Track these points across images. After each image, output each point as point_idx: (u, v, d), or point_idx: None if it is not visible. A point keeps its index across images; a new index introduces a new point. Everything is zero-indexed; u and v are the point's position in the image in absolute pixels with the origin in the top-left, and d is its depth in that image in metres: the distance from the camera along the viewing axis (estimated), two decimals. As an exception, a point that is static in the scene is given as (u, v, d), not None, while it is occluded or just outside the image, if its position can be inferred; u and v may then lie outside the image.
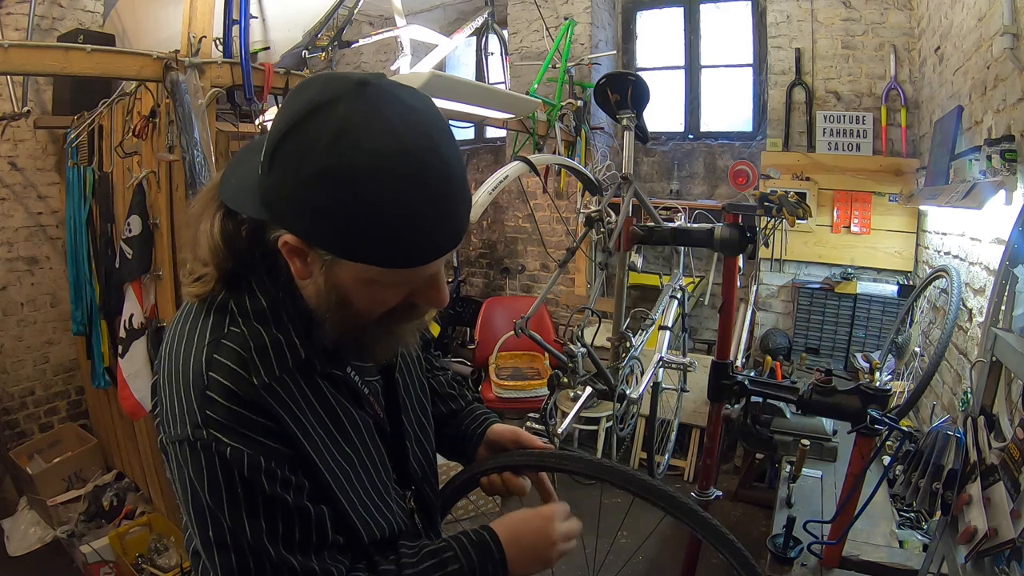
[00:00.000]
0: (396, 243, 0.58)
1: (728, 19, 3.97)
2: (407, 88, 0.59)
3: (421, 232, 0.58)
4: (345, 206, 0.55)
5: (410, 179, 0.55)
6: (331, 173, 0.55)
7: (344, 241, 0.58)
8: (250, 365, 0.63)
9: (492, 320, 4.05)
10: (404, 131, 0.55)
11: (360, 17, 4.54)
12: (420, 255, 0.60)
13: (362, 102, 0.55)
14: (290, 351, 0.66)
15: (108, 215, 2.54)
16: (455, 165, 0.59)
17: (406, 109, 0.56)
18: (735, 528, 3.00)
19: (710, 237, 1.76)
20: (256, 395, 0.63)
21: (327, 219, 0.57)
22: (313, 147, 0.55)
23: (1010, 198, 1.68)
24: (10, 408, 3.16)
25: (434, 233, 0.59)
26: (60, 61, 1.75)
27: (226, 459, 0.61)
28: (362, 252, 0.59)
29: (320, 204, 0.56)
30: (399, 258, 0.59)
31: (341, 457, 0.70)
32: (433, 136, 0.57)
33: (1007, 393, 1.45)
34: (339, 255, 0.60)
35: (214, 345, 0.64)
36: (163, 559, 2.54)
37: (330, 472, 0.68)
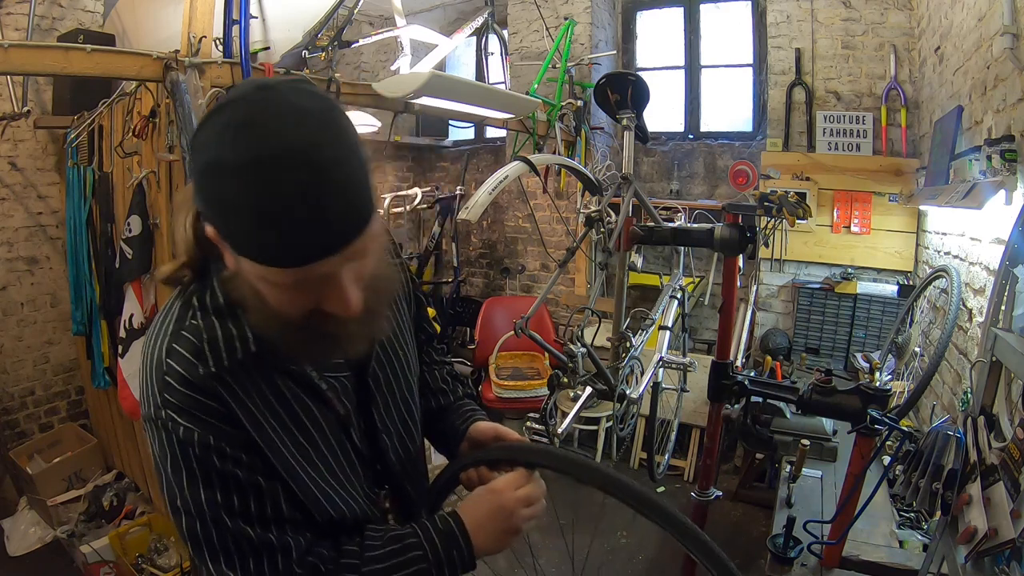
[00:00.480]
0: (265, 240, 0.58)
1: (728, 19, 3.97)
2: (308, 92, 0.59)
3: (288, 231, 0.57)
4: (223, 199, 0.57)
5: (276, 179, 0.55)
6: (211, 166, 0.57)
7: (226, 233, 0.60)
8: (202, 355, 0.67)
9: (492, 320, 4.05)
10: (280, 133, 0.55)
11: (360, 17, 4.54)
12: (293, 258, 0.59)
13: (254, 104, 0.57)
14: (241, 344, 0.69)
15: (108, 215, 2.54)
16: (333, 170, 0.57)
17: (294, 111, 0.57)
18: (735, 528, 3.00)
19: (710, 237, 1.76)
20: (206, 382, 0.67)
21: (213, 210, 0.59)
22: (205, 141, 0.57)
23: (1010, 198, 1.68)
24: (10, 408, 3.16)
25: (302, 233, 0.57)
26: (60, 61, 1.75)
27: (180, 438, 0.66)
28: (241, 246, 0.60)
29: (208, 195, 0.59)
30: (267, 257, 0.59)
31: (295, 447, 0.73)
32: (313, 139, 0.56)
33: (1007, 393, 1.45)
34: (233, 249, 0.61)
35: (175, 336, 0.69)
36: (163, 559, 2.54)
37: (281, 460, 0.71)
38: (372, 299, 0.69)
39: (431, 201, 4.39)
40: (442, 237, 4.49)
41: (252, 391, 0.70)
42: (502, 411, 3.68)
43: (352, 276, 0.64)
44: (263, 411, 0.70)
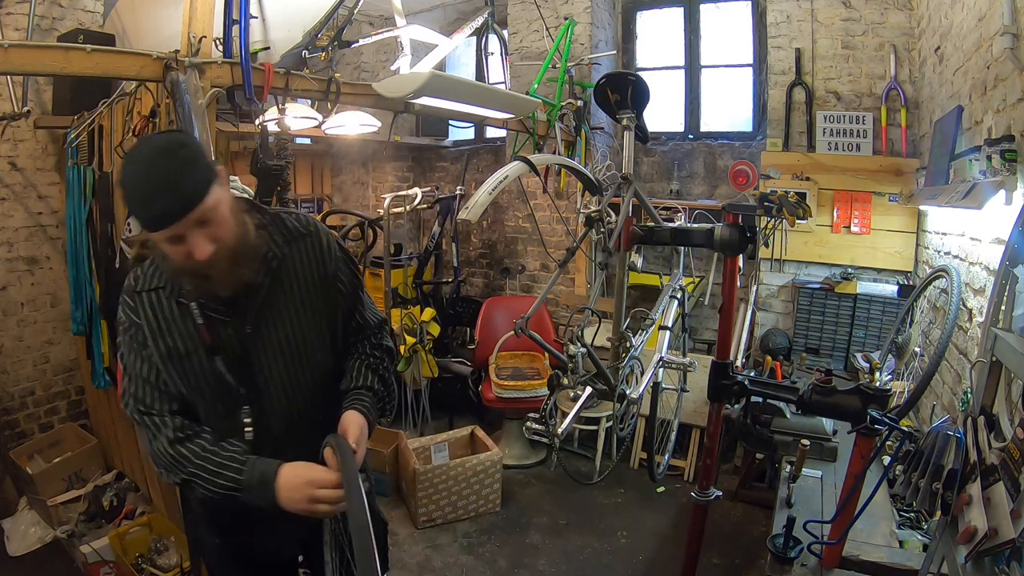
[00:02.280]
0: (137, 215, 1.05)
1: (728, 19, 3.97)
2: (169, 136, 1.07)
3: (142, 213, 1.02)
4: (123, 198, 1.05)
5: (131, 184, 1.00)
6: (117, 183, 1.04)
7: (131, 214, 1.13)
8: (139, 276, 1.18)
9: (492, 320, 4.05)
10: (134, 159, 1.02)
11: (360, 17, 4.54)
12: (145, 224, 1.03)
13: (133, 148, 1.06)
14: (157, 279, 1.17)
15: (108, 215, 2.54)
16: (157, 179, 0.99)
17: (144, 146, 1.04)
18: (735, 528, 3.00)
19: (710, 237, 1.76)
20: (132, 291, 1.18)
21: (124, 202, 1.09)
22: None
23: (1010, 198, 1.68)
24: (10, 408, 3.16)
25: (149, 214, 1.01)
26: (60, 61, 1.75)
27: (119, 315, 1.20)
28: (137, 219, 1.06)
29: None
30: (145, 226, 1.04)
31: (170, 351, 1.15)
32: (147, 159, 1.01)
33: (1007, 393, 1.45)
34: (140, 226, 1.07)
35: (133, 272, 1.20)
36: (163, 559, 2.54)
37: (158, 352, 1.16)
38: (234, 254, 1.09)
39: (431, 201, 4.39)
40: (442, 237, 4.49)
41: (155, 304, 1.16)
42: (502, 411, 3.69)
43: (204, 236, 1.03)
44: (159, 321, 1.15)
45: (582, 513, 3.18)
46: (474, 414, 4.08)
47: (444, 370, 4.00)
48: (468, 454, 3.25)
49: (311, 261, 1.24)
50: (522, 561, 2.79)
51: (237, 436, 1.18)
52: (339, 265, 1.29)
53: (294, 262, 1.22)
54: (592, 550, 2.86)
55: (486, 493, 3.13)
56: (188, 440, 1.13)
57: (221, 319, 1.15)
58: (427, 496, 2.98)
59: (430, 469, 2.98)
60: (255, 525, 1.25)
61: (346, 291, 1.31)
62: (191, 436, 1.14)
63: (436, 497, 3.01)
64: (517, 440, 3.68)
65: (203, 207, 1.01)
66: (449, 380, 4.10)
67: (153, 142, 1.05)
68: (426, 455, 3.16)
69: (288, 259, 1.21)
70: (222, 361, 1.15)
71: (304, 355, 1.23)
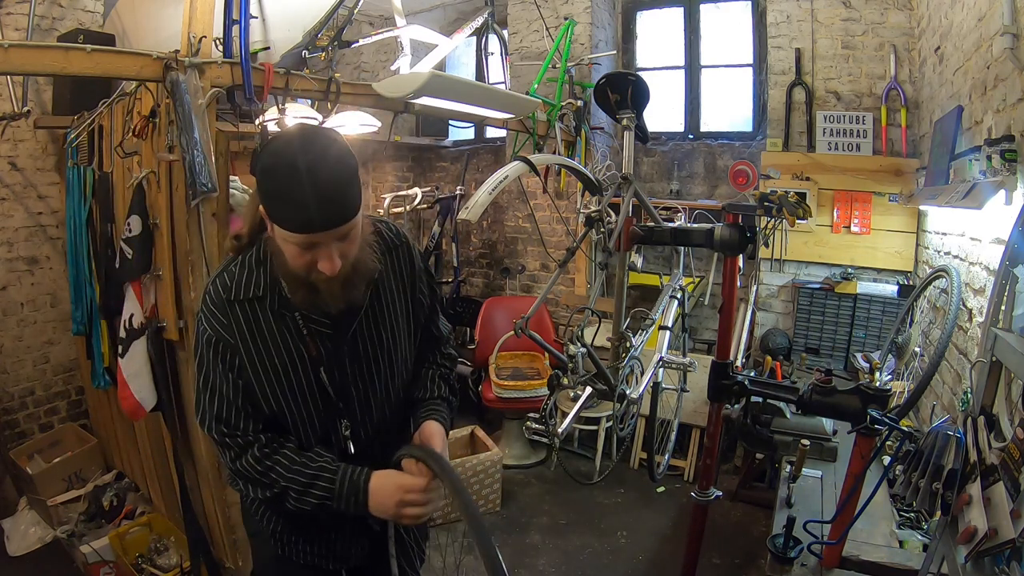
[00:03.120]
0: (283, 214, 0.98)
1: (728, 19, 3.97)
2: (328, 134, 1.01)
3: (297, 215, 0.96)
4: (267, 186, 0.98)
5: (291, 178, 0.94)
6: (263, 169, 0.97)
7: (269, 209, 0.99)
8: (228, 288, 1.09)
9: (492, 320, 4.05)
10: (301, 154, 0.94)
11: (360, 17, 4.54)
12: (295, 225, 0.97)
13: (293, 137, 0.99)
14: (255, 287, 1.09)
15: (108, 215, 2.54)
16: (328, 182, 0.95)
17: (314, 144, 0.97)
18: (735, 528, 3.00)
19: (710, 237, 1.76)
20: (223, 305, 1.09)
21: (263, 194, 1.00)
22: (264, 155, 0.98)
23: (1010, 198, 1.68)
24: (10, 408, 3.16)
25: (304, 217, 0.95)
26: (60, 61, 1.75)
27: (202, 327, 1.10)
28: (274, 216, 0.99)
29: (264, 186, 0.99)
30: (287, 224, 0.97)
31: (270, 368, 1.10)
32: (317, 161, 0.95)
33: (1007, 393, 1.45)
34: (269, 218, 1.01)
35: (219, 274, 1.12)
36: (163, 559, 2.54)
37: (254, 372, 1.10)
38: (351, 274, 1.05)
39: (431, 201, 4.39)
40: (442, 237, 4.49)
41: (251, 316, 1.09)
42: (502, 411, 3.69)
43: (336, 250, 1.00)
44: (255, 334, 1.09)
45: (582, 513, 3.18)
46: (474, 414, 4.08)
47: (444, 370, 3.99)
48: (468, 454, 3.25)
49: (403, 273, 1.24)
50: (522, 561, 2.79)
51: (336, 449, 1.17)
52: (422, 277, 1.29)
53: (389, 275, 1.21)
54: (592, 550, 2.86)
55: (486, 493, 3.13)
56: (275, 453, 1.11)
57: (323, 331, 1.13)
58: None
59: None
60: (319, 536, 1.25)
61: (427, 303, 1.30)
62: (277, 449, 1.11)
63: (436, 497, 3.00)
64: (517, 440, 3.68)
65: (352, 223, 1.00)
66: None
67: (317, 141, 0.98)
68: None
69: (384, 272, 1.20)
70: (325, 373, 1.14)
71: (394, 366, 1.23)
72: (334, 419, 1.17)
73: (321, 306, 1.08)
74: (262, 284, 1.09)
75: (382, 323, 1.20)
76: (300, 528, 1.26)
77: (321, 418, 1.16)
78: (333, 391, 1.15)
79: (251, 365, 1.10)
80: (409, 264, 1.25)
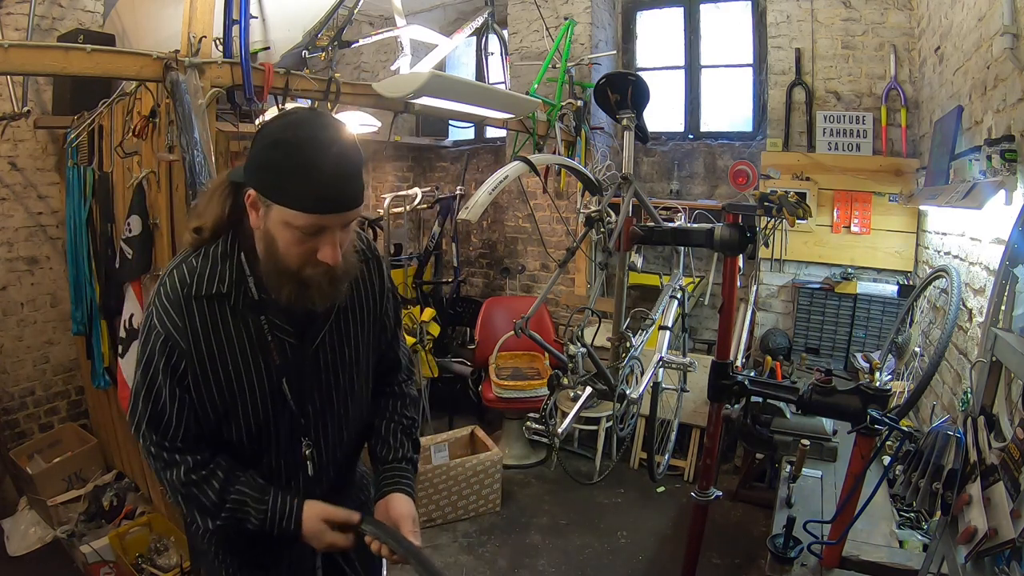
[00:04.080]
0: (299, 192, 0.89)
1: (728, 19, 3.97)
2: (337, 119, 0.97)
3: (314, 190, 0.89)
4: (279, 164, 0.89)
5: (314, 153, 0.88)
6: (276, 142, 0.90)
7: (275, 188, 0.90)
8: (187, 280, 0.98)
9: (492, 320, 4.05)
10: (323, 130, 0.90)
11: (360, 17, 4.54)
12: (312, 206, 0.89)
13: (306, 114, 0.96)
14: (219, 282, 0.99)
15: (108, 215, 2.54)
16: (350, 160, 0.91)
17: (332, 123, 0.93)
18: (735, 528, 3.00)
19: (710, 237, 1.76)
20: (178, 302, 0.98)
21: (268, 171, 0.91)
22: (272, 129, 0.92)
23: (1010, 198, 1.68)
24: (10, 408, 3.16)
25: (321, 194, 0.89)
26: (60, 61, 1.75)
27: (150, 324, 0.99)
28: (281, 195, 0.90)
29: (268, 162, 0.90)
30: (299, 203, 0.89)
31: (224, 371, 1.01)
32: (342, 138, 0.92)
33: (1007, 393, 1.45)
34: (270, 198, 0.91)
35: (177, 264, 1.01)
36: (163, 559, 2.54)
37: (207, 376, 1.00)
38: (341, 268, 0.98)
39: (431, 201, 4.39)
40: (442, 237, 4.49)
41: (209, 320, 0.99)
42: (502, 411, 3.69)
43: (339, 238, 0.95)
44: (211, 336, 0.99)
45: (582, 513, 3.18)
46: (474, 414, 4.08)
47: (444, 370, 4.00)
48: (468, 454, 3.25)
49: (371, 288, 1.16)
50: (522, 561, 2.79)
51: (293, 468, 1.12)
52: (389, 296, 1.22)
53: (360, 287, 1.14)
54: (592, 550, 2.86)
55: (486, 493, 3.13)
56: (203, 482, 1.02)
57: (286, 339, 1.04)
58: (427, 496, 2.98)
59: (430, 469, 2.98)
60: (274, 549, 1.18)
61: (390, 325, 1.23)
62: (207, 477, 1.03)
63: (436, 497, 3.01)
64: (517, 440, 3.68)
65: (359, 210, 0.96)
66: (449, 380, 4.10)
67: (333, 123, 0.93)
68: (426, 455, 3.16)
69: (356, 283, 1.12)
70: (287, 384, 1.05)
71: (351, 387, 1.16)
72: (294, 435, 1.10)
73: (307, 303, 0.99)
74: (227, 280, 0.99)
75: (346, 336, 1.12)
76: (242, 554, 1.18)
77: (281, 433, 1.09)
78: (295, 404, 1.07)
79: (202, 370, 0.99)
80: (379, 279, 1.18)
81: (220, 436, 1.05)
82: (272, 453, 1.09)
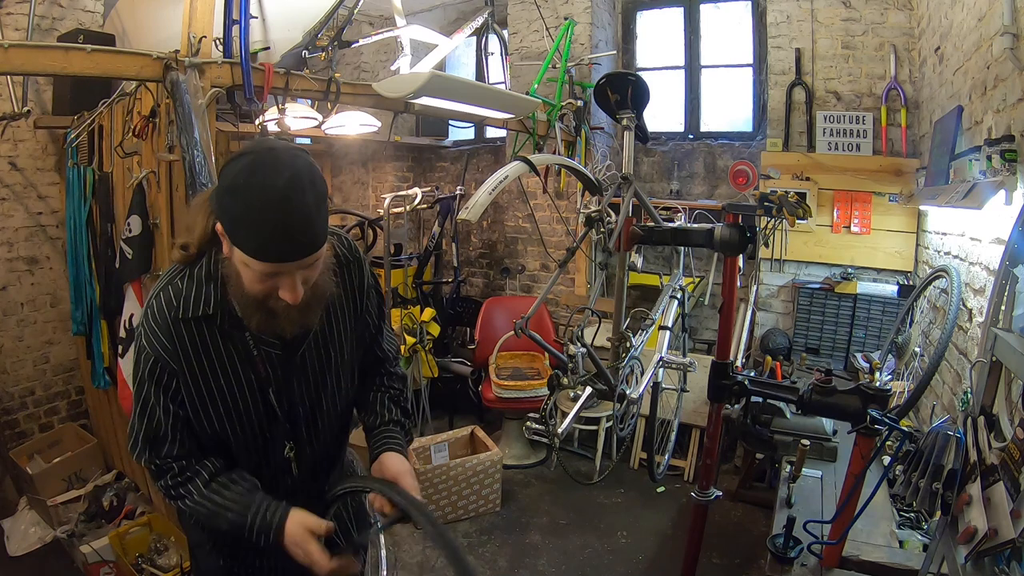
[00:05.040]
0: (250, 242, 0.91)
1: (728, 19, 3.97)
2: (298, 154, 0.93)
3: (266, 241, 0.90)
4: (233, 210, 0.91)
5: (263, 207, 0.88)
6: (229, 189, 0.91)
7: (232, 232, 0.92)
8: (172, 305, 1.02)
9: (492, 320, 4.05)
10: (273, 179, 0.88)
11: (360, 17, 4.54)
12: (263, 254, 0.91)
13: (261, 157, 0.90)
14: (204, 304, 1.02)
15: (108, 215, 2.54)
16: (300, 211, 0.89)
17: (285, 168, 0.89)
18: (735, 528, 3.00)
19: (710, 237, 1.76)
20: (166, 323, 1.02)
21: (226, 215, 0.92)
22: (228, 173, 0.91)
23: (1010, 198, 1.68)
24: (10, 408, 3.16)
25: (273, 245, 0.90)
26: (60, 61, 1.75)
27: (140, 345, 1.04)
28: (237, 240, 0.92)
29: (225, 206, 0.92)
30: (251, 251, 0.91)
31: (215, 386, 1.05)
32: (293, 189, 0.88)
33: (1007, 393, 1.45)
34: (230, 240, 0.94)
35: (163, 287, 1.04)
36: (163, 559, 2.53)
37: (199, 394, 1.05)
38: (311, 299, 1.01)
39: (431, 201, 4.39)
40: (442, 237, 4.49)
41: (196, 336, 1.03)
42: (502, 411, 3.69)
43: (300, 278, 0.96)
44: (200, 356, 1.03)
45: (582, 513, 3.18)
46: (474, 414, 4.08)
47: (444, 370, 4.00)
48: (468, 454, 3.25)
49: (352, 290, 1.19)
50: (522, 561, 2.79)
51: (281, 471, 1.16)
52: (371, 294, 1.24)
53: (340, 292, 1.15)
54: (592, 550, 2.86)
55: (486, 493, 3.13)
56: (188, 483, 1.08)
57: (274, 352, 1.09)
58: (427, 496, 2.98)
59: (430, 469, 2.98)
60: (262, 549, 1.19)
61: (373, 322, 1.26)
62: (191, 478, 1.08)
63: (436, 497, 3.01)
64: (517, 440, 3.68)
65: (320, 252, 0.96)
66: (449, 380, 4.10)
67: (291, 166, 0.90)
68: (426, 455, 3.16)
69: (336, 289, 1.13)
70: (273, 395, 1.10)
71: (338, 386, 1.20)
72: (279, 440, 1.14)
73: (276, 330, 1.03)
74: (212, 302, 1.02)
75: (330, 341, 1.16)
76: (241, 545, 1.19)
77: (266, 439, 1.13)
78: (281, 413, 1.12)
79: (195, 387, 1.04)
80: (359, 280, 1.19)
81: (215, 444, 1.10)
82: (260, 457, 1.14)
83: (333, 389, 1.18)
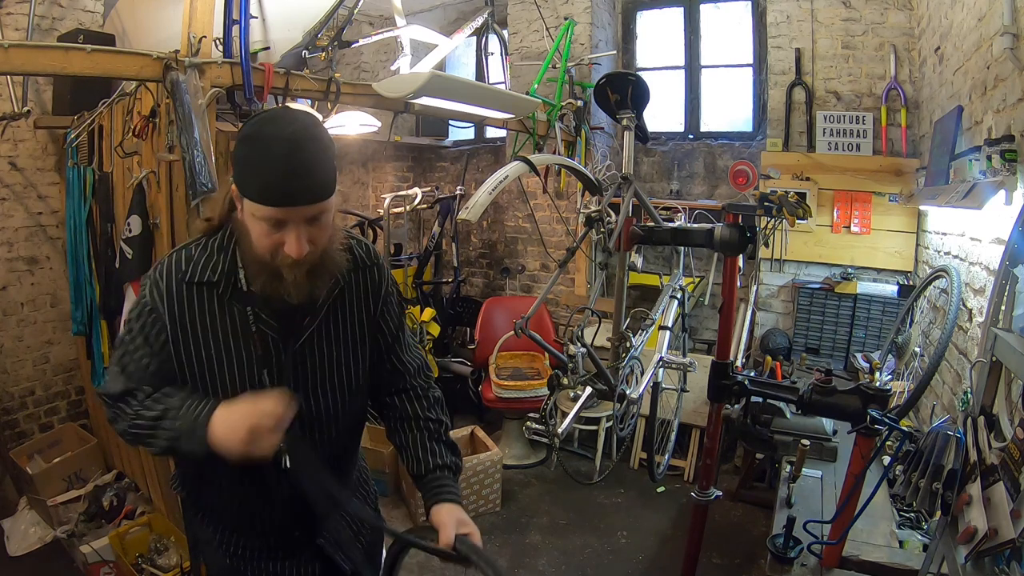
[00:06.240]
0: (255, 184, 0.94)
1: (728, 19, 3.97)
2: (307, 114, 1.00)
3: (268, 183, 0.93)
4: (241, 156, 0.96)
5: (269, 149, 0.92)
6: (241, 138, 0.96)
7: (240, 180, 0.97)
8: (183, 267, 1.05)
9: (492, 320, 4.05)
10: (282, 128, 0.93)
11: (360, 17, 4.54)
12: (267, 196, 0.94)
13: (273, 112, 0.98)
14: (211, 272, 1.05)
15: (108, 215, 2.54)
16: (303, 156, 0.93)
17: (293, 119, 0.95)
18: (735, 528, 3.00)
19: (710, 237, 1.76)
20: (171, 284, 1.04)
21: (237, 164, 0.97)
22: (246, 126, 0.97)
23: (1010, 198, 1.68)
24: (10, 408, 3.16)
25: (274, 187, 0.93)
26: (60, 61, 1.75)
27: (143, 292, 1.06)
28: (245, 188, 0.96)
29: (236, 155, 0.97)
30: (257, 195, 0.94)
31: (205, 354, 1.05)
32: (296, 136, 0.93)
33: (1007, 393, 1.45)
34: (240, 191, 0.97)
35: (178, 250, 1.08)
36: (163, 559, 2.53)
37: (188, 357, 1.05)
38: (317, 265, 1.01)
39: (431, 201, 4.39)
40: (442, 237, 4.49)
41: (196, 305, 1.05)
42: (502, 411, 3.69)
43: (304, 233, 0.97)
44: (197, 320, 1.05)
45: (582, 513, 3.18)
46: (474, 414, 4.08)
47: (444, 370, 4.00)
48: (468, 454, 3.25)
49: (367, 294, 1.17)
50: (522, 561, 2.79)
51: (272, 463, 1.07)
52: (390, 300, 1.22)
53: (353, 293, 1.15)
54: (592, 550, 2.86)
55: (486, 493, 3.13)
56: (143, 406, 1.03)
57: (270, 333, 1.07)
58: (427, 496, 2.98)
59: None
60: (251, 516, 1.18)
61: (390, 331, 1.23)
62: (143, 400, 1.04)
63: (436, 497, 3.00)
64: (517, 440, 3.68)
65: (324, 204, 0.97)
66: (449, 380, 4.10)
67: (300, 120, 0.95)
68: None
69: (348, 289, 1.14)
70: (268, 376, 1.07)
71: (342, 387, 1.16)
72: None
73: (283, 295, 1.01)
74: (219, 270, 1.04)
75: (337, 338, 1.14)
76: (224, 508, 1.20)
77: None
78: None
79: (185, 350, 1.04)
80: (377, 284, 1.19)
81: None
82: None
83: (336, 389, 1.15)
